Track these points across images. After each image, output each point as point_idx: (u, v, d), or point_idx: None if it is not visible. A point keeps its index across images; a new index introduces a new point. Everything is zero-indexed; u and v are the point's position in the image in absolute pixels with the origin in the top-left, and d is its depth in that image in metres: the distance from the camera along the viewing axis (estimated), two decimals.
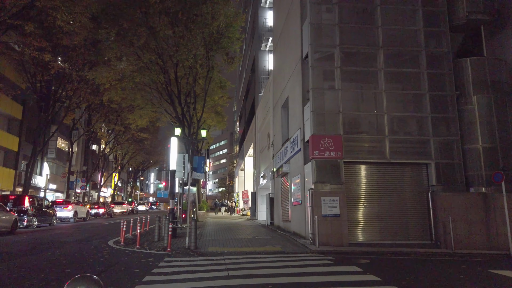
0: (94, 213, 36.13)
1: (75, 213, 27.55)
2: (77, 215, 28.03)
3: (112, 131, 51.28)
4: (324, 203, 12.84)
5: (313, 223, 12.76)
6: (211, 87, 33.14)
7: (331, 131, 13.48)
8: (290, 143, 16.77)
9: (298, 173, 15.22)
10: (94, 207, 37.00)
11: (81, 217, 29.27)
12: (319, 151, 13.15)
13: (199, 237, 15.78)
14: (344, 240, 12.64)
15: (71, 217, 27.13)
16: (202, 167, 23.75)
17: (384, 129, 13.69)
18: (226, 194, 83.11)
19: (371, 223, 13.34)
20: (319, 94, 13.75)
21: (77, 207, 28.64)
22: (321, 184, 13.02)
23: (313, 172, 13.11)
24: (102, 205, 38.26)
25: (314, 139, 13.24)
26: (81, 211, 29.38)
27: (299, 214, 15.12)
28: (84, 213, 30.06)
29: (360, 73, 14.30)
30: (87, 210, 30.95)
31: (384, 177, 13.67)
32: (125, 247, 13.02)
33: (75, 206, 28.18)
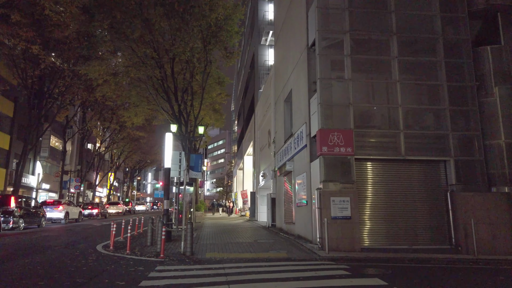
0: (88, 213, 34.88)
1: (66, 214, 26.31)
2: (68, 216, 26.77)
3: (107, 129, 49.99)
4: (333, 204, 11.66)
5: (321, 226, 11.57)
6: (209, 83, 31.92)
7: (340, 125, 12.29)
8: (294, 140, 15.58)
9: (304, 172, 14.03)
10: (87, 207, 35.68)
11: (73, 218, 28.01)
12: (327, 147, 11.96)
13: (196, 240, 14.57)
14: (355, 245, 11.46)
15: (62, 218, 25.90)
16: (199, 165, 22.58)
17: (398, 123, 12.52)
18: (224, 194, 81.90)
19: (385, 226, 12.16)
20: (327, 85, 12.56)
21: (69, 207, 27.38)
22: (330, 183, 11.83)
23: (321, 170, 11.92)
24: (96, 205, 36.81)
25: (322, 133, 12.05)
26: (73, 212, 28.11)
27: (304, 215, 13.93)
28: (76, 214, 28.80)
29: (372, 62, 13.12)
30: (79, 211, 29.66)
31: (398, 176, 12.49)
32: (114, 252, 11.80)
33: (66, 206, 26.91)
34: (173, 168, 16.91)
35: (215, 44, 26.69)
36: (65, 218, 26.18)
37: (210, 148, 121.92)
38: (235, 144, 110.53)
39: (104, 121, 46.55)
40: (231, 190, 69.13)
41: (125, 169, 74.34)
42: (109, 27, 24.77)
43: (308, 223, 13.31)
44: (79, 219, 29.40)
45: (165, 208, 14.79)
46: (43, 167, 42.21)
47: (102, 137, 50.03)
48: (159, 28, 25.17)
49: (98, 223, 27.21)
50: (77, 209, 29.62)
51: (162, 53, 27.17)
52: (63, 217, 25.94)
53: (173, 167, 16.76)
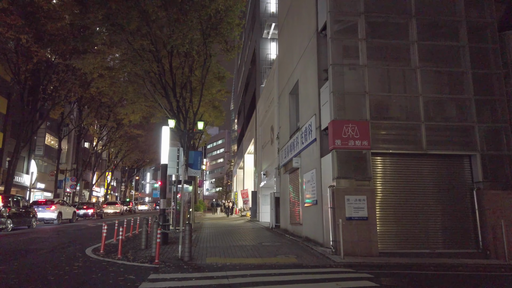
0: (83, 214, 33.66)
1: (59, 214, 25.09)
2: (61, 216, 25.55)
3: (104, 127, 48.77)
4: (348, 204, 10.47)
5: (335, 228, 10.39)
6: (209, 78, 30.81)
7: (355, 116, 11.11)
8: (301, 134, 14.39)
9: (313, 168, 12.84)
10: (82, 207, 34.43)
11: (66, 218, 26.78)
12: (341, 140, 10.77)
13: (195, 243, 13.38)
14: (373, 249, 10.27)
15: (54, 219, 24.69)
16: (198, 163, 21.41)
17: (419, 114, 11.33)
18: (224, 194, 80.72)
19: (404, 228, 10.97)
20: (340, 72, 11.37)
21: (62, 207, 26.12)
22: (344, 180, 10.64)
23: (334, 166, 10.73)
24: (91, 205, 35.55)
25: (335, 125, 10.86)
26: (67, 212, 26.87)
27: (314, 216, 12.74)
28: (70, 214, 27.55)
29: (389, 47, 11.93)
30: (73, 211, 28.42)
31: (419, 172, 11.30)
32: (104, 257, 10.61)
33: (59, 206, 25.66)
34: (170, 165, 15.72)
35: (215, 37, 25.52)
36: (58, 219, 24.97)
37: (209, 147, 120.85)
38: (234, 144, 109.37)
39: (101, 119, 45.32)
40: (230, 189, 67.95)
41: (123, 168, 73.08)
42: (104, 18, 23.58)
43: (318, 224, 12.12)
44: (73, 220, 28.17)
45: (161, 208, 13.59)
46: (38, 166, 41.03)
47: (99, 135, 48.79)
48: (157, 19, 24.01)
49: (93, 223, 26.00)
50: (71, 209, 28.36)
51: (159, 46, 26.01)
52: (56, 217, 24.72)
53: (171, 164, 15.56)
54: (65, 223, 26.54)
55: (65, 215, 26.33)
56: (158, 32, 25.18)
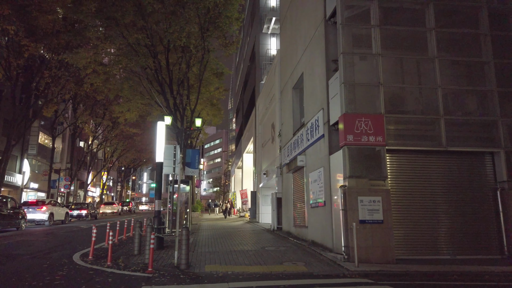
0: (77, 215, 32.65)
1: (50, 215, 24.05)
2: (53, 217, 24.51)
3: (99, 126, 47.69)
4: (361, 205, 9.50)
5: (347, 232, 9.42)
6: (207, 76, 29.85)
7: (368, 109, 10.16)
8: (307, 130, 13.43)
9: (320, 166, 11.88)
10: (76, 208, 33.40)
11: (58, 219, 25.73)
12: (353, 135, 9.81)
13: (192, 247, 12.39)
14: (389, 255, 9.31)
15: (45, 220, 23.64)
16: (196, 162, 20.45)
17: (437, 107, 10.39)
18: (222, 194, 79.73)
19: (422, 232, 10.01)
20: (352, 61, 10.39)
21: (54, 208, 25.06)
22: (357, 180, 9.68)
23: (346, 164, 9.76)
24: (85, 206, 34.48)
25: (347, 119, 9.90)
26: (59, 213, 25.81)
27: (321, 218, 11.78)
28: (63, 215, 26.51)
29: (404, 34, 10.96)
30: (66, 212, 27.36)
31: (438, 171, 10.35)
32: (93, 263, 9.61)
33: (51, 207, 24.59)
34: (166, 164, 14.70)
35: (214, 31, 24.53)
36: (50, 220, 23.93)
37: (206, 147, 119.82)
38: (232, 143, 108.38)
39: (96, 117, 44.27)
40: (228, 190, 66.97)
41: (119, 168, 71.95)
42: (97, 11, 22.59)
43: (327, 227, 11.15)
44: (66, 221, 27.16)
45: (156, 209, 12.60)
46: (31, 166, 39.94)
47: (94, 133, 47.69)
48: (153, 13, 23.00)
49: (86, 225, 24.96)
50: (64, 209, 27.28)
51: (156, 40, 25.03)
52: (47, 218, 23.67)
53: (166, 162, 14.56)
54: (57, 224, 25.55)
55: (57, 216, 25.28)
56: (154, 26, 24.20)
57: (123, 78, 32.73)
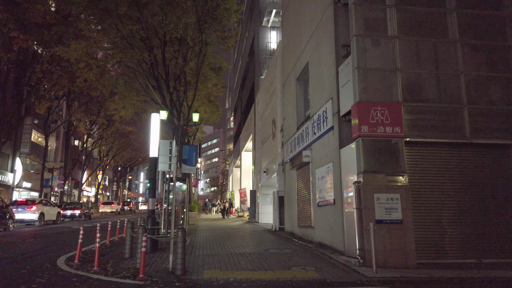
0: (70, 214, 31.57)
1: (41, 215, 23.01)
2: (43, 217, 23.48)
3: (94, 124, 46.56)
4: (378, 204, 8.52)
5: (361, 233, 8.43)
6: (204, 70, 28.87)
7: (383, 97, 9.17)
8: (313, 123, 12.44)
9: (329, 161, 10.89)
10: (69, 207, 32.31)
11: (49, 219, 24.69)
12: (368, 126, 8.83)
13: (189, 249, 11.39)
14: (409, 260, 8.33)
15: (35, 220, 22.62)
16: (193, 159, 19.45)
17: (460, 95, 9.43)
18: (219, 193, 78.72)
19: (444, 233, 9.03)
20: (365, 45, 9.40)
21: (44, 208, 24.00)
22: (373, 175, 8.69)
23: (360, 158, 8.78)
24: (78, 205, 33.36)
25: (361, 108, 8.91)
26: (50, 213, 24.77)
27: (330, 218, 10.79)
28: (54, 215, 25.47)
29: (423, 16, 9.97)
30: (57, 212, 26.29)
31: (462, 165, 9.36)
32: (78, 269, 8.61)
33: (41, 206, 23.54)
34: (161, 160, 13.70)
35: (212, 23, 23.53)
36: (40, 220, 22.89)
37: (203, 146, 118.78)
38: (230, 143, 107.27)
39: (90, 115, 43.14)
40: (226, 189, 65.97)
41: (115, 167, 70.75)
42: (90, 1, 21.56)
43: (337, 228, 10.17)
44: (58, 221, 26.10)
45: (149, 208, 11.58)
46: (24, 164, 38.83)
47: (89, 131, 46.52)
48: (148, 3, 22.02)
49: (79, 225, 23.86)
50: (55, 209, 26.21)
51: (151, 33, 24.04)
52: (37, 218, 22.63)
53: (162, 158, 13.58)
54: (49, 224, 24.54)
55: (47, 216, 24.23)
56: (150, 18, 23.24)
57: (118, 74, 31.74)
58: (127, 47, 23.83)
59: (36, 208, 22.76)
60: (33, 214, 22.53)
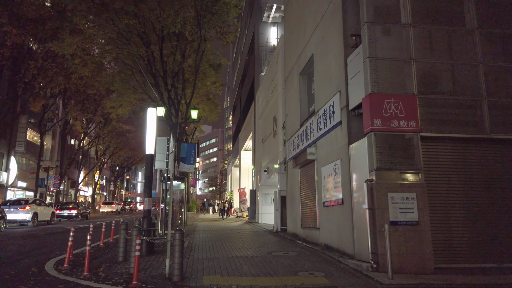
0: (67, 214, 30.97)
1: (34, 215, 22.29)
2: (37, 217, 22.76)
3: (90, 122, 45.82)
4: (392, 203, 7.86)
5: (374, 236, 7.78)
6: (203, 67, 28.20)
7: (396, 89, 8.51)
8: (318, 118, 11.78)
9: (336, 158, 10.23)
10: (65, 207, 31.61)
11: (43, 220, 24.00)
12: (381, 120, 8.17)
13: (187, 252, 10.72)
14: (427, 264, 7.67)
15: (28, 220, 21.90)
16: (192, 157, 18.80)
17: (479, 87, 8.78)
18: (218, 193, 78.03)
19: (463, 235, 8.36)
20: (377, 33, 8.73)
21: (38, 208, 23.28)
22: (387, 173, 8.03)
23: (372, 154, 8.12)
24: (75, 205, 32.61)
25: (373, 100, 8.25)
26: (44, 213, 24.07)
27: (338, 219, 10.13)
28: (48, 215, 24.78)
29: (438, 3, 9.30)
30: (52, 212, 25.59)
31: (480, 162, 8.70)
32: (67, 274, 7.95)
33: (35, 206, 22.83)
34: (158, 158, 13.04)
35: (211, 18, 22.88)
36: (33, 220, 22.17)
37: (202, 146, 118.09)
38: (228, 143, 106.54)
39: (87, 113, 42.38)
40: (225, 189, 65.28)
41: (112, 167, 69.96)
42: None
43: (345, 229, 9.50)
44: (52, 221, 25.41)
45: (145, 208, 10.89)
46: (19, 164, 38.12)
47: (85, 130, 45.75)
48: None
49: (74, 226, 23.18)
50: (49, 209, 25.50)
51: (148, 28, 23.37)
52: (30, 219, 21.91)
53: (159, 156, 12.92)
54: (43, 225, 23.87)
55: (41, 216, 23.53)
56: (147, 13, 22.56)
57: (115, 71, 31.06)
58: (123, 42, 23.17)
59: (29, 208, 22.06)
60: (26, 214, 21.82)
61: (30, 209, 22.05)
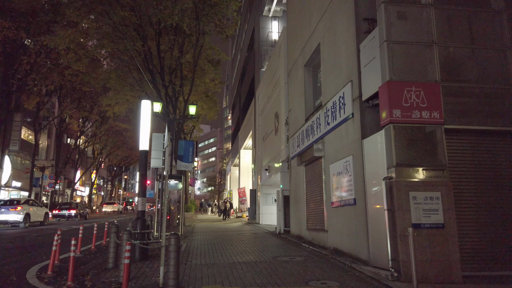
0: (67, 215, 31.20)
1: (26, 216, 21.42)
2: (29, 218, 21.88)
3: (87, 121, 44.89)
4: (414, 204, 7.00)
5: (394, 240, 6.91)
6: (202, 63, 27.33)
7: (417, 76, 7.63)
8: (326, 112, 10.92)
9: (347, 155, 9.36)
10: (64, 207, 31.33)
11: (36, 220, 23.15)
12: (401, 110, 7.30)
13: (184, 257, 9.85)
14: (454, 272, 6.80)
15: (20, 221, 21.02)
16: (190, 155, 17.93)
17: (508, 75, 7.91)
18: (216, 193, 77.15)
19: (492, 239, 7.48)
20: (394, 15, 7.86)
21: (31, 208, 22.43)
22: (408, 170, 7.17)
23: (392, 148, 7.25)
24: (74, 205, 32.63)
25: (392, 89, 7.38)
26: (37, 214, 23.23)
27: (349, 220, 9.26)
28: (41, 215, 23.93)
29: None
30: (45, 212, 24.72)
31: (511, 158, 7.83)
32: (49, 283, 7.09)
33: (27, 207, 21.94)
34: (154, 156, 12.26)
35: (210, 10, 22.02)
36: (25, 221, 21.29)
37: (200, 146, 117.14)
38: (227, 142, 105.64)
39: (82, 111, 41.49)
40: (224, 189, 64.40)
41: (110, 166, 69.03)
42: None
43: (359, 232, 8.63)
44: (46, 222, 24.55)
45: (139, 209, 10.00)
46: (13, 163, 37.19)
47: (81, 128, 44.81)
48: None
49: (68, 227, 22.35)
50: (43, 209, 24.65)
51: (145, 21, 22.51)
52: (22, 220, 21.04)
53: (155, 154, 12.09)
54: (35, 226, 23.01)
55: (34, 217, 22.66)
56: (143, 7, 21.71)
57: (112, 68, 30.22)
58: (119, 37, 22.32)
59: (20, 208, 21.20)
60: (17, 214, 20.96)
61: (22, 210, 21.18)
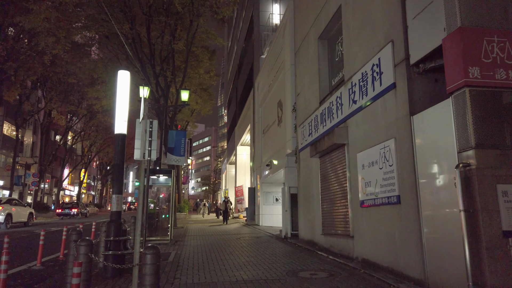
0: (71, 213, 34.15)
1: (7, 217, 19.61)
2: (11, 219, 19.97)
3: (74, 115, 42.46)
4: (506, 203, 4.79)
5: (478, 255, 4.70)
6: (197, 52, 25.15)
7: (497, 22, 5.43)
8: (352, 88, 8.69)
9: (386, 138, 7.13)
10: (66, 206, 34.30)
11: (19, 221, 21.32)
12: (481, 68, 5.10)
13: (172, 270, 7.58)
14: None
15: (1, 222, 19.20)
16: (182, 147, 15.68)
17: None
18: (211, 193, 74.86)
19: None
20: None
21: (12, 208, 20.42)
22: (493, 153, 4.97)
23: (469, 122, 5.03)
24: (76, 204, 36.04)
25: (466, 37, 5.17)
26: (20, 214, 21.51)
27: (387, 224, 7.04)
28: (25, 216, 22.12)
29: None
30: (29, 212, 22.74)
31: None
32: None
33: (8, 207, 20.04)
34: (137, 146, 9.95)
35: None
36: (6, 222, 19.49)
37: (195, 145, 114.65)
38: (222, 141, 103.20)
39: (70, 105, 39.13)
40: (219, 188, 62.11)
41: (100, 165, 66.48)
42: None
43: (406, 240, 6.41)
44: (29, 223, 22.59)
45: (113, 209, 7.72)
46: None
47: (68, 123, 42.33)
48: None
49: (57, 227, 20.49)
50: (26, 209, 22.76)
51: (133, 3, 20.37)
52: (3, 220, 19.26)
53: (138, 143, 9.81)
54: (18, 226, 21.35)
55: (16, 217, 20.86)
56: None
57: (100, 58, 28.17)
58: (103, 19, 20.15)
59: (1, 208, 19.29)
60: None
61: (3, 210, 19.37)
